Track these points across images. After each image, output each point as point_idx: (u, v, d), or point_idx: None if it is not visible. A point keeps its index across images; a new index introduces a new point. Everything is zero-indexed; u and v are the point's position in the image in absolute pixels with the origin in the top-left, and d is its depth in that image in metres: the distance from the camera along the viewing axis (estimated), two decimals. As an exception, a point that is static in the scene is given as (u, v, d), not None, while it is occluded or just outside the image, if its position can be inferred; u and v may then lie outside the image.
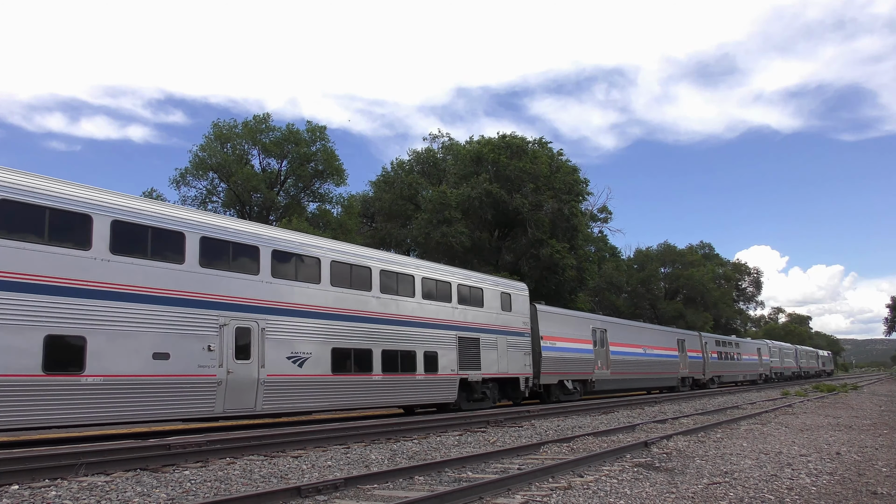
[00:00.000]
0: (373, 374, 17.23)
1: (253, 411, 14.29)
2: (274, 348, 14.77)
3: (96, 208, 12.15)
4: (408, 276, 19.13)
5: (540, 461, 9.34)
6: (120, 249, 12.38)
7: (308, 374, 15.48)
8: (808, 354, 77.47)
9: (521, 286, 24.69)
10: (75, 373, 11.44)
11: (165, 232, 13.27)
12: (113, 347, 11.95)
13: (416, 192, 44.64)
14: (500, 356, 21.97)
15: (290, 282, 15.57)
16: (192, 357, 13.22)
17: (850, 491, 7.45)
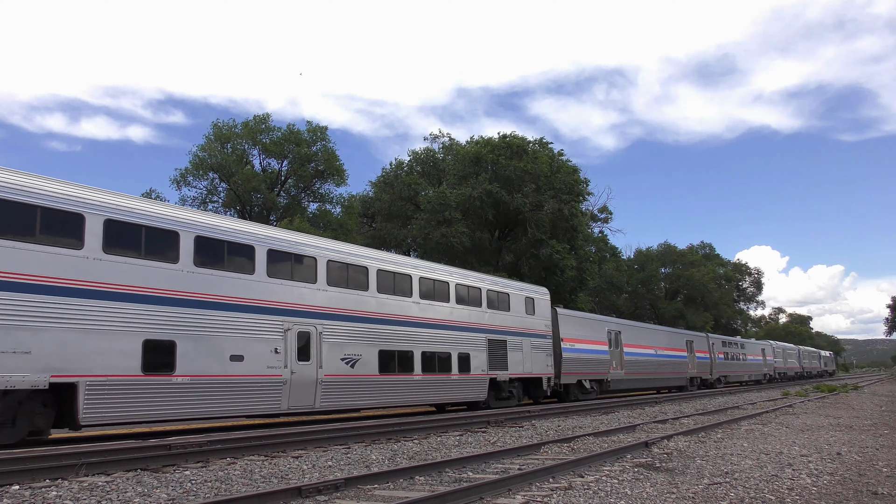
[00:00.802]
0: (414, 374, 18.61)
1: (312, 408, 15.67)
2: (330, 351, 16.16)
3: (181, 224, 13.62)
4: (443, 283, 20.56)
5: (540, 461, 9.34)
6: (201, 263, 13.78)
7: (359, 374, 16.84)
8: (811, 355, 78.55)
9: (544, 291, 25.95)
10: (168, 373, 12.75)
11: (238, 246, 14.72)
12: (197, 350, 13.29)
13: (416, 192, 44.62)
14: (525, 357, 23.26)
15: (342, 289, 16.99)
16: (263, 359, 14.55)
17: (851, 491, 7.44)
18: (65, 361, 11.31)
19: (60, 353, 11.28)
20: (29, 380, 10.86)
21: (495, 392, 21.82)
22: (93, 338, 11.73)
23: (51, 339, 11.20)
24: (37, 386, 10.96)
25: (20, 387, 10.79)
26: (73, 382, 11.37)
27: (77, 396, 11.39)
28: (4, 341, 10.69)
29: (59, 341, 11.29)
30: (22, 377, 10.79)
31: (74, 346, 11.47)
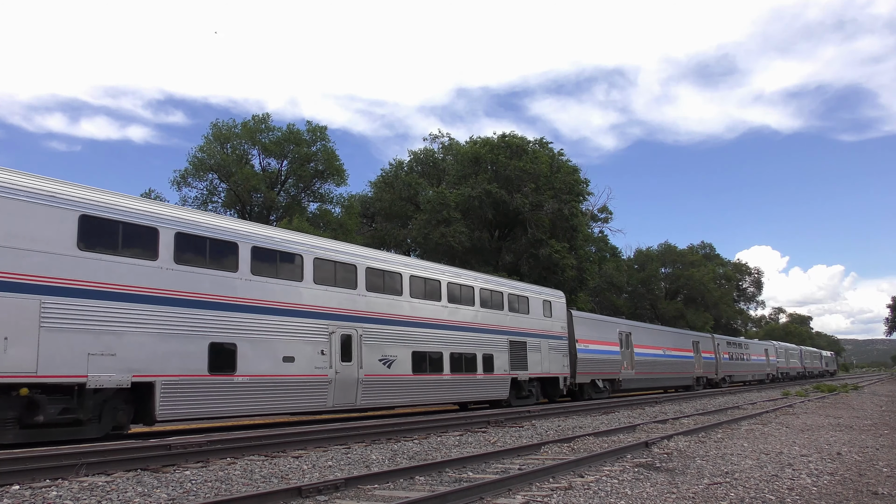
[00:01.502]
0: (443, 374, 19.72)
1: (354, 405, 16.71)
2: (369, 352, 17.25)
3: (240, 236, 14.76)
4: (469, 287, 21.70)
5: (540, 461, 9.34)
6: (257, 271, 14.87)
7: (395, 374, 17.93)
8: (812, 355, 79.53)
9: (560, 294, 27.24)
10: (230, 373, 13.84)
11: (288, 255, 15.81)
12: (255, 352, 14.38)
13: (416, 192, 44.60)
14: (543, 358, 24.37)
15: (379, 294, 18.10)
16: (311, 360, 15.64)
17: (851, 491, 7.44)
18: (143, 362, 12.39)
19: (140, 355, 12.35)
20: (114, 379, 11.92)
21: (516, 391, 22.87)
22: (167, 341, 12.83)
23: (132, 342, 12.27)
24: (121, 385, 12.02)
25: (107, 385, 11.83)
26: (150, 382, 12.44)
27: (154, 394, 12.44)
28: (94, 344, 11.74)
29: (138, 344, 12.37)
30: (108, 377, 11.84)
31: (151, 348, 12.55)
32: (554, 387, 25.04)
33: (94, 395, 11.81)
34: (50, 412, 11.24)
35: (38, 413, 11.14)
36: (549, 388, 24.97)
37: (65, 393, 11.47)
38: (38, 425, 11.29)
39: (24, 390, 10.89)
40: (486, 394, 21.50)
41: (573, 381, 26.29)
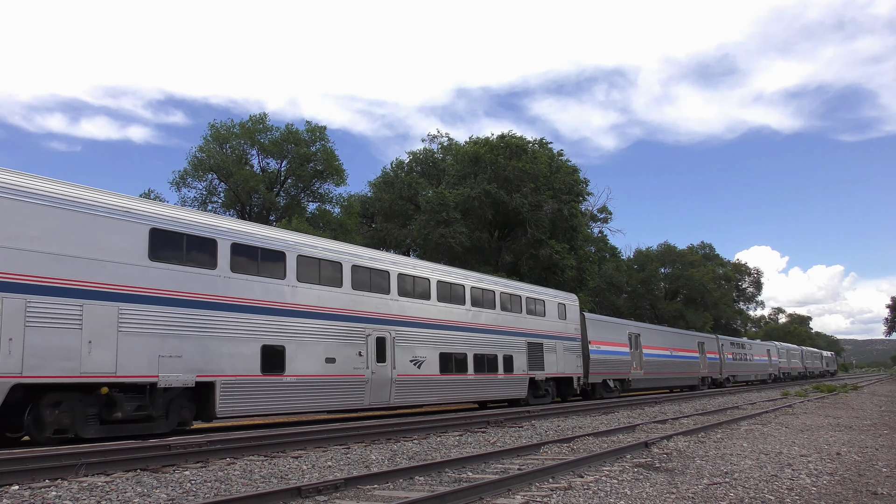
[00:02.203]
0: (467, 373, 20.77)
1: (388, 404, 17.75)
2: (401, 353, 18.26)
3: (287, 246, 15.78)
4: (490, 292, 22.75)
5: (540, 461, 9.34)
6: (302, 278, 15.88)
7: (424, 374, 18.99)
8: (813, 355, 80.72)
9: (574, 297, 28.49)
10: (279, 373, 14.86)
11: (329, 262, 16.83)
12: (301, 354, 15.43)
13: (416, 192, 44.57)
14: (559, 358, 25.44)
15: (410, 299, 19.13)
16: (350, 361, 16.68)
17: (851, 491, 7.44)
18: (205, 363, 13.42)
19: (202, 356, 13.39)
20: (181, 379, 12.95)
21: (533, 390, 23.85)
22: (225, 343, 13.88)
23: (195, 345, 13.32)
24: (186, 384, 13.06)
25: (175, 385, 12.87)
26: (212, 381, 13.47)
27: (214, 393, 13.49)
28: (163, 347, 12.74)
29: (201, 347, 13.41)
30: (176, 377, 12.87)
31: (212, 350, 13.59)
32: (568, 386, 26.10)
33: (164, 394, 12.84)
34: (126, 409, 12.23)
35: (116, 410, 12.12)
36: (564, 387, 25.98)
37: (138, 392, 12.48)
38: (116, 421, 12.24)
39: (105, 389, 11.88)
40: (506, 393, 22.51)
41: (586, 380, 27.36)
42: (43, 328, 11.15)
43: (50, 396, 11.38)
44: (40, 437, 11.36)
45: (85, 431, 11.77)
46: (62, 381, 11.36)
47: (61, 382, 11.38)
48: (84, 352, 11.58)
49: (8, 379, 10.62)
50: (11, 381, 10.66)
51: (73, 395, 11.67)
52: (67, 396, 11.59)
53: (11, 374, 10.69)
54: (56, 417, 11.44)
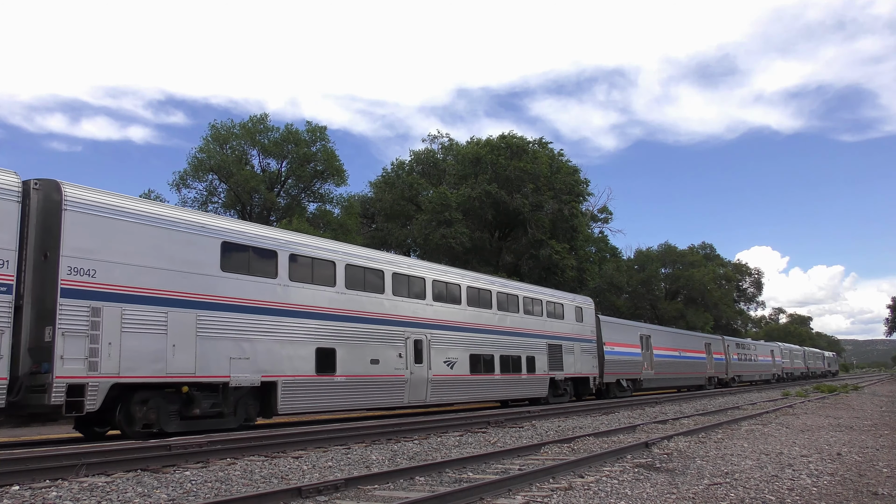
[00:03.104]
0: (495, 374, 21.95)
1: (424, 402, 18.98)
2: (436, 355, 19.40)
3: (337, 255, 17.07)
4: (514, 296, 23.97)
5: (541, 462, 9.34)
6: (350, 285, 17.13)
7: (457, 374, 20.17)
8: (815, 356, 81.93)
9: (590, 301, 29.75)
10: (331, 374, 16.05)
11: (373, 270, 18.11)
12: (349, 355, 16.60)
13: (417, 192, 44.57)
14: (576, 359, 26.69)
15: (443, 304, 20.32)
16: (391, 362, 17.83)
17: (851, 491, 7.44)
18: (269, 365, 14.59)
19: (266, 358, 14.57)
20: (249, 379, 14.16)
21: (552, 389, 24.99)
22: (285, 346, 15.06)
23: (260, 347, 14.51)
24: (253, 384, 14.27)
25: (244, 384, 14.08)
26: (274, 381, 14.66)
27: (276, 392, 14.66)
28: (234, 350, 13.94)
29: (265, 349, 14.59)
30: (245, 377, 14.07)
31: (274, 352, 14.77)
32: (584, 386, 27.39)
33: (234, 392, 14.03)
34: (203, 406, 13.42)
35: (195, 407, 13.29)
36: (580, 387, 27.24)
37: (213, 390, 13.66)
38: (194, 417, 13.34)
39: (186, 388, 13.09)
40: (529, 392, 23.73)
41: (601, 380, 28.57)
42: (136, 333, 12.34)
43: (139, 395, 12.46)
44: (130, 431, 12.33)
45: (168, 426, 12.84)
46: (151, 380, 12.54)
47: (150, 382, 12.55)
48: (169, 354, 12.77)
49: (108, 379, 11.80)
50: (111, 381, 11.84)
51: (158, 394, 12.82)
52: (153, 394, 12.72)
53: (111, 374, 11.87)
54: (144, 413, 12.54)
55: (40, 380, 11.25)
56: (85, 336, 11.62)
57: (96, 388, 11.60)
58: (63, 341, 11.31)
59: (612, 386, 29.67)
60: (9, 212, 11.17)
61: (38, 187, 11.91)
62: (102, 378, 11.70)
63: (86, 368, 11.52)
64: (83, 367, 11.49)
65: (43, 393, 11.15)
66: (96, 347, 11.71)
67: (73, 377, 11.32)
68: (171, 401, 13.04)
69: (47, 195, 11.93)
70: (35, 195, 11.81)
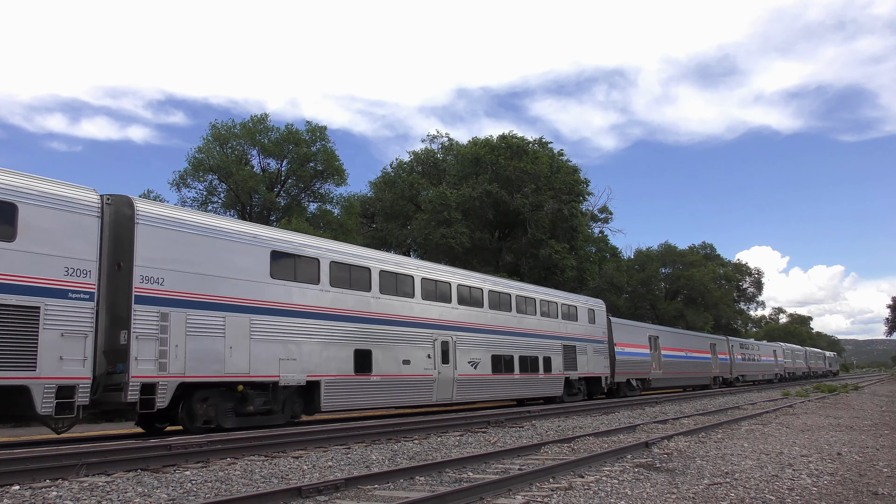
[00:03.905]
0: (514, 373, 22.96)
1: (450, 400, 20.07)
2: (461, 355, 20.42)
3: (372, 262, 18.14)
4: (532, 299, 24.99)
5: (541, 461, 9.34)
6: (384, 290, 18.12)
7: (480, 374, 21.19)
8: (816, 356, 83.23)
9: (601, 303, 30.95)
10: (368, 374, 17.04)
11: (404, 276, 19.06)
12: (383, 356, 17.62)
13: (417, 192, 44.54)
14: (589, 360, 27.73)
15: (467, 307, 21.30)
16: (421, 362, 18.84)
17: (852, 491, 7.44)
18: (313, 365, 15.59)
19: (310, 359, 15.56)
20: (296, 378, 15.14)
21: (567, 389, 26.00)
22: (327, 348, 16.08)
23: (305, 349, 15.50)
24: (299, 383, 15.24)
25: (292, 383, 15.06)
26: (317, 381, 15.64)
27: (320, 390, 15.66)
28: (283, 351, 14.93)
29: (309, 351, 15.59)
30: (292, 377, 15.06)
31: (317, 354, 15.77)
32: (597, 385, 28.38)
33: (283, 391, 15.01)
34: (256, 403, 14.42)
35: (248, 404, 14.28)
36: (592, 386, 28.19)
37: (264, 389, 14.63)
38: (247, 414, 14.29)
39: (241, 387, 14.10)
40: (546, 391, 24.74)
41: (612, 380, 29.56)
42: (198, 336, 13.34)
43: (199, 393, 13.40)
44: (192, 426, 13.24)
45: (225, 422, 13.81)
46: (212, 380, 13.52)
47: (211, 381, 13.53)
48: (227, 355, 13.79)
49: (176, 378, 12.79)
50: (178, 381, 12.83)
51: (216, 392, 13.76)
52: (212, 393, 13.67)
53: (178, 374, 12.85)
54: (204, 411, 13.52)
55: (116, 379, 12.19)
56: (155, 339, 12.62)
57: (165, 387, 12.60)
58: (137, 344, 12.30)
59: (622, 385, 30.57)
60: (90, 226, 12.13)
61: (109, 202, 12.78)
62: (171, 378, 12.70)
63: (156, 369, 12.51)
64: (154, 368, 12.48)
65: (119, 391, 12.13)
66: (165, 349, 12.72)
67: (145, 377, 12.31)
68: (227, 399, 13.99)
69: (118, 209, 12.85)
70: (107, 209, 12.66)
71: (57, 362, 11.15)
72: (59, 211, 11.68)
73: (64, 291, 11.51)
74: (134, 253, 12.63)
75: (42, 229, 11.40)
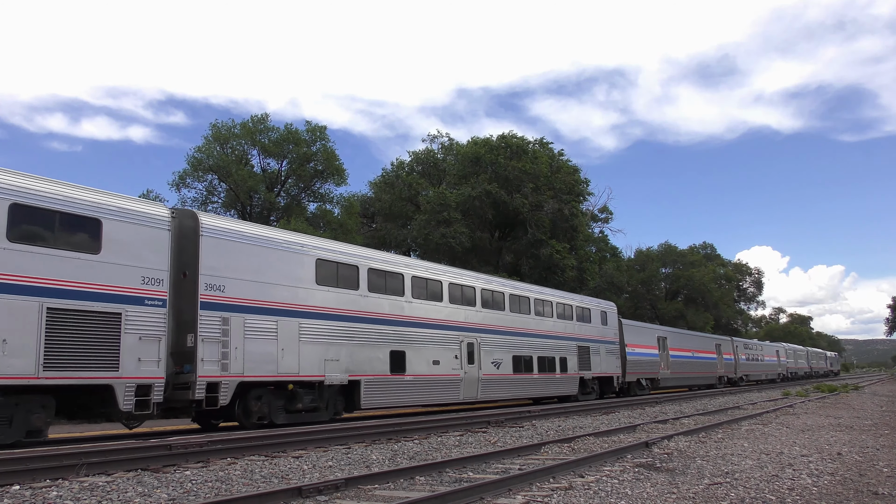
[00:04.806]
0: (533, 373, 23.99)
1: (475, 399, 21.13)
2: (485, 356, 21.44)
3: (405, 268, 19.16)
4: (548, 302, 26.10)
5: (541, 461, 9.34)
6: (415, 295, 19.13)
7: (502, 374, 22.21)
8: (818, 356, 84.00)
9: (613, 305, 32.09)
10: (402, 373, 18.03)
11: (434, 281, 20.15)
12: (416, 357, 18.62)
13: (417, 192, 44.52)
14: (602, 360, 28.85)
15: (490, 310, 22.33)
16: (449, 363, 19.90)
17: (852, 491, 7.44)
18: (354, 366, 16.60)
19: (351, 360, 16.58)
20: (339, 378, 16.19)
21: (581, 388, 26.97)
22: (365, 349, 17.06)
23: (346, 351, 16.52)
24: (342, 382, 16.29)
25: (336, 382, 16.12)
26: (358, 380, 16.66)
27: (360, 389, 16.67)
28: (327, 352, 15.96)
29: (350, 352, 16.59)
30: (336, 376, 16.11)
31: (357, 355, 16.76)
32: (609, 385, 29.39)
33: (328, 390, 16.01)
34: (305, 401, 15.39)
35: (297, 402, 15.24)
36: (605, 385, 29.21)
37: (311, 388, 15.61)
38: (296, 411, 15.26)
39: (291, 386, 15.08)
40: (562, 390, 25.76)
41: (624, 379, 30.58)
42: (256, 339, 14.37)
43: (254, 392, 14.42)
44: (247, 423, 14.29)
45: (277, 419, 14.81)
46: (267, 379, 14.53)
47: (266, 381, 14.54)
48: (279, 357, 14.78)
49: (236, 378, 13.82)
50: (238, 380, 13.86)
51: (269, 391, 14.76)
52: (265, 391, 14.67)
53: (238, 374, 13.88)
54: (259, 408, 14.51)
55: (183, 379, 13.19)
56: (218, 342, 13.66)
57: (227, 386, 13.63)
58: (203, 346, 13.33)
59: (633, 385, 31.54)
60: (163, 239, 13.17)
61: (174, 215, 13.78)
62: (232, 377, 13.74)
63: (219, 369, 13.55)
64: (217, 368, 13.52)
65: (187, 390, 13.14)
66: (227, 351, 13.75)
67: (210, 376, 13.34)
68: (279, 397, 14.98)
69: (182, 222, 13.86)
70: (173, 222, 13.57)
71: (136, 363, 12.15)
72: (136, 225, 12.73)
73: (141, 299, 12.56)
74: (199, 262, 13.68)
75: (122, 242, 12.44)
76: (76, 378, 11.40)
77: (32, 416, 11.10)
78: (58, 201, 11.67)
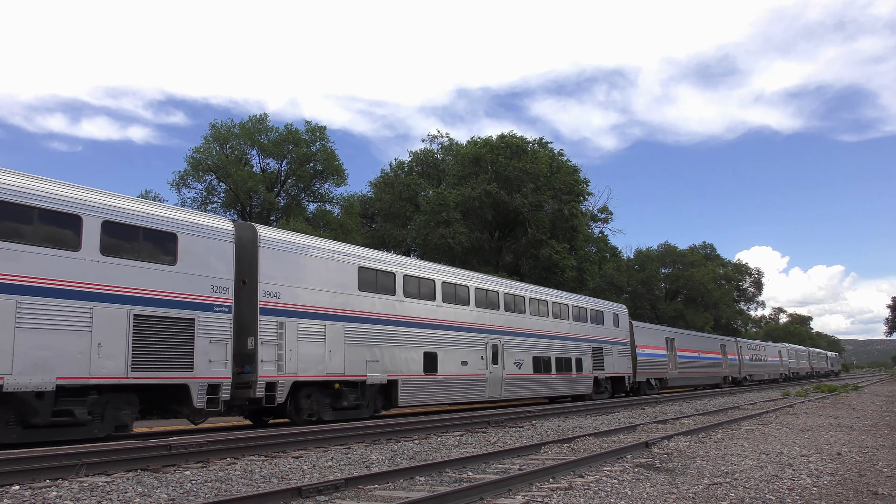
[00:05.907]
0: (552, 373, 25.09)
1: (499, 398, 22.15)
2: (508, 357, 22.54)
3: (436, 273, 20.40)
4: (565, 305, 27.11)
5: (541, 461, 9.34)
6: (445, 299, 20.25)
7: (523, 374, 23.34)
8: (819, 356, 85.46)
9: (624, 308, 33.16)
10: (434, 373, 19.13)
11: (461, 286, 21.19)
12: (446, 358, 19.73)
13: (416, 192, 44.51)
14: (614, 360, 29.97)
15: (512, 313, 23.46)
16: (476, 363, 20.96)
17: (852, 491, 7.44)
18: (392, 366, 17.70)
19: (390, 360, 17.66)
20: (379, 378, 17.29)
21: (595, 387, 28.01)
22: (402, 351, 18.17)
23: (385, 352, 17.60)
24: (382, 382, 17.36)
25: (377, 382, 17.19)
26: (395, 380, 17.74)
27: (397, 388, 17.77)
28: (369, 354, 17.07)
29: (388, 354, 17.68)
30: (377, 376, 17.21)
31: (395, 356, 17.87)
32: (620, 384, 30.46)
33: (369, 389, 17.07)
34: (349, 399, 16.44)
35: (342, 400, 16.31)
36: (616, 385, 30.25)
37: (354, 387, 16.67)
38: (342, 408, 16.30)
39: (337, 385, 16.15)
40: (577, 389, 26.79)
41: (634, 379, 31.64)
42: (307, 342, 15.47)
43: (304, 390, 15.43)
44: (298, 419, 15.26)
45: (324, 415, 15.83)
46: (317, 379, 15.57)
47: (316, 380, 15.56)
48: (327, 358, 15.90)
49: (291, 378, 14.90)
50: (292, 380, 14.93)
51: (317, 389, 15.75)
52: (314, 390, 15.68)
53: (292, 374, 14.96)
54: (309, 405, 15.54)
55: (244, 378, 14.24)
56: (275, 344, 14.74)
57: (283, 385, 14.72)
58: (262, 349, 14.42)
59: (642, 384, 32.64)
60: (228, 250, 14.27)
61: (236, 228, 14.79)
62: (287, 377, 14.81)
63: (276, 370, 14.62)
64: (275, 369, 14.59)
65: (248, 388, 14.19)
66: (282, 353, 14.83)
67: (269, 376, 14.42)
68: (326, 395, 16.00)
69: (242, 234, 14.84)
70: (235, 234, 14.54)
71: (207, 364, 13.26)
72: (206, 238, 13.84)
73: (210, 305, 13.65)
74: (258, 271, 14.77)
75: (195, 254, 13.55)
76: (158, 378, 12.52)
77: (121, 413, 12.26)
78: (141, 218, 12.78)
